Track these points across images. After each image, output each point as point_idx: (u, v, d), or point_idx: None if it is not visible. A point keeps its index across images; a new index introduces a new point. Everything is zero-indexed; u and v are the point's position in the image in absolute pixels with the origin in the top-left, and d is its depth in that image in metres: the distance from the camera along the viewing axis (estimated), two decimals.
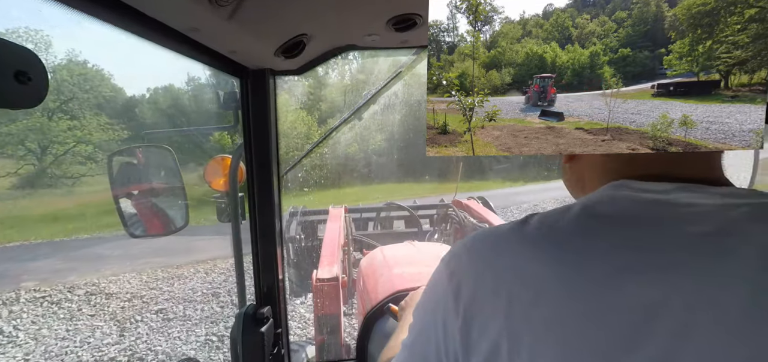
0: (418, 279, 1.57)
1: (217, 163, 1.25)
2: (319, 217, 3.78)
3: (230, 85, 1.04)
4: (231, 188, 1.21)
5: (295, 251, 3.42)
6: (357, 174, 12.31)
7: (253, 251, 1.12)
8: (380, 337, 1.33)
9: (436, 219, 3.86)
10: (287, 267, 3.32)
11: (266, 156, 1.06)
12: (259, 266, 1.13)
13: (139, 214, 1.26)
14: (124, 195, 1.24)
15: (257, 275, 1.14)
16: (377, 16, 0.77)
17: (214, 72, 0.88)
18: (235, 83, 1.02)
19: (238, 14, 0.63)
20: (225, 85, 1.06)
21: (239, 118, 1.06)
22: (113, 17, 0.53)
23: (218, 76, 0.96)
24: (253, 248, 1.12)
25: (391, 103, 10.20)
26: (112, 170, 1.23)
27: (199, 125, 12.32)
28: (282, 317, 1.19)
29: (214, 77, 10.81)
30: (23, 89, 0.35)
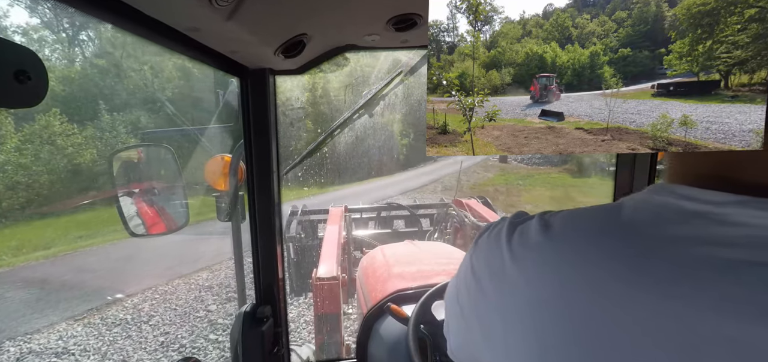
0: (419, 278, 1.57)
1: (217, 162, 1.25)
2: (319, 217, 3.78)
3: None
4: (231, 187, 1.22)
5: (295, 250, 3.43)
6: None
7: (253, 250, 1.13)
8: (380, 337, 1.33)
9: (436, 218, 3.86)
10: (287, 267, 3.33)
11: (266, 155, 1.06)
12: (259, 265, 1.13)
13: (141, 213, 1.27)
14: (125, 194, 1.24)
15: (257, 274, 1.14)
16: (377, 16, 0.77)
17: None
18: (235, 83, 1.02)
19: (238, 14, 0.63)
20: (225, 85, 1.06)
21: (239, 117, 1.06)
22: (113, 17, 0.53)
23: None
24: (253, 247, 1.12)
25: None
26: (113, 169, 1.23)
27: (199, 125, 12.22)
28: (282, 316, 1.19)
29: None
30: (23, 88, 0.35)
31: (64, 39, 17.26)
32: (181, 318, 4.64)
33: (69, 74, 14.11)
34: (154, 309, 4.95)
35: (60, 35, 16.98)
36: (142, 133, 13.12)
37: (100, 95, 13.69)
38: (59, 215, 10.61)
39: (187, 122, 10.41)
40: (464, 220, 3.29)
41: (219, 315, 4.63)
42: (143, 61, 15.23)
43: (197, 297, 5.15)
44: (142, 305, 5.09)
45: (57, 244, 8.37)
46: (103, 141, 12.68)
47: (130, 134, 13.25)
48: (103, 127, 12.98)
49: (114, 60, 15.21)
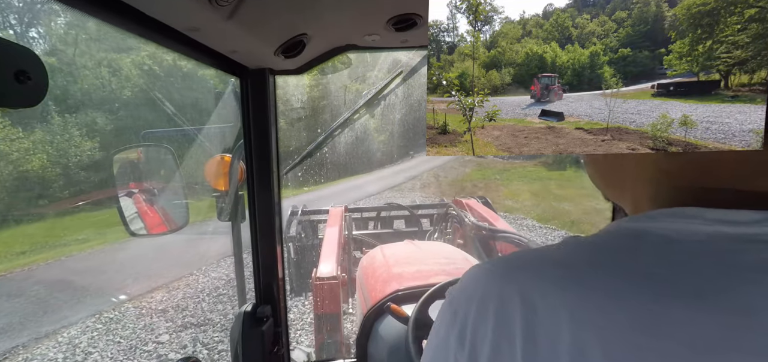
0: (418, 278, 1.57)
1: (216, 162, 1.25)
2: (319, 217, 3.78)
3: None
4: (231, 187, 1.22)
5: (295, 250, 3.43)
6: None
7: (253, 250, 1.13)
8: (380, 337, 1.34)
9: (436, 218, 3.86)
10: (287, 267, 3.33)
11: (266, 155, 1.06)
12: (259, 265, 1.13)
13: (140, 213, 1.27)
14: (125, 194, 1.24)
15: (257, 274, 1.14)
16: (377, 16, 0.77)
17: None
18: (235, 83, 1.02)
19: (238, 14, 0.63)
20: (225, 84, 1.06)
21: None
22: (113, 17, 0.53)
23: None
24: (253, 247, 1.12)
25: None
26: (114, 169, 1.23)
27: (199, 124, 11.91)
28: (282, 316, 1.19)
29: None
30: (23, 89, 0.35)
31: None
32: None
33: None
34: None
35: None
36: (143, 132, 12.89)
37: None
38: None
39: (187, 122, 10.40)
40: (464, 220, 3.29)
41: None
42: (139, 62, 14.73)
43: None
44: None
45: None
46: (54, 146, 11.44)
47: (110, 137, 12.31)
48: (55, 131, 11.77)
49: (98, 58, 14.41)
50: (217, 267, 5.92)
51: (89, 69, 13.92)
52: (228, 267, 5.81)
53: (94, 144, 11.95)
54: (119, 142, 11.91)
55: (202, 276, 5.67)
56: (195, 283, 5.45)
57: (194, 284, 5.44)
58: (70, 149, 11.65)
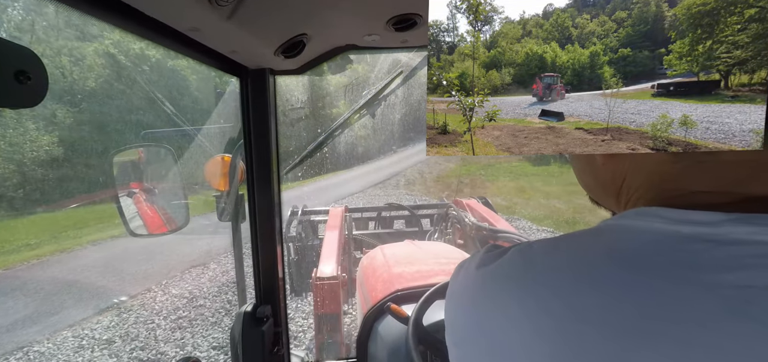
0: (419, 278, 1.57)
1: (216, 162, 1.25)
2: (319, 217, 3.78)
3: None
4: (231, 187, 1.22)
5: (295, 250, 3.43)
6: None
7: (253, 250, 1.13)
8: (380, 337, 1.33)
9: (436, 218, 3.86)
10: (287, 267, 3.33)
11: (266, 155, 1.06)
12: (259, 265, 1.13)
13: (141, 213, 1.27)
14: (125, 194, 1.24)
15: (257, 274, 1.14)
16: (377, 16, 0.77)
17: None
18: (235, 83, 1.02)
19: (238, 14, 0.63)
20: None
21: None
22: (113, 17, 0.53)
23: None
24: (253, 247, 1.12)
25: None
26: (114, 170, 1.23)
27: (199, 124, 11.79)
28: (282, 316, 1.19)
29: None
30: (23, 89, 0.35)
31: None
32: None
33: None
34: None
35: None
36: (143, 133, 12.84)
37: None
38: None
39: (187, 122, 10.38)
40: (464, 220, 3.29)
41: None
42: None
43: None
44: None
45: None
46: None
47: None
48: None
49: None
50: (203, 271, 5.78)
51: (89, 69, 13.90)
52: (219, 266, 5.78)
53: (94, 143, 11.92)
54: (119, 142, 11.82)
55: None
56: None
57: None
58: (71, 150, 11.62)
